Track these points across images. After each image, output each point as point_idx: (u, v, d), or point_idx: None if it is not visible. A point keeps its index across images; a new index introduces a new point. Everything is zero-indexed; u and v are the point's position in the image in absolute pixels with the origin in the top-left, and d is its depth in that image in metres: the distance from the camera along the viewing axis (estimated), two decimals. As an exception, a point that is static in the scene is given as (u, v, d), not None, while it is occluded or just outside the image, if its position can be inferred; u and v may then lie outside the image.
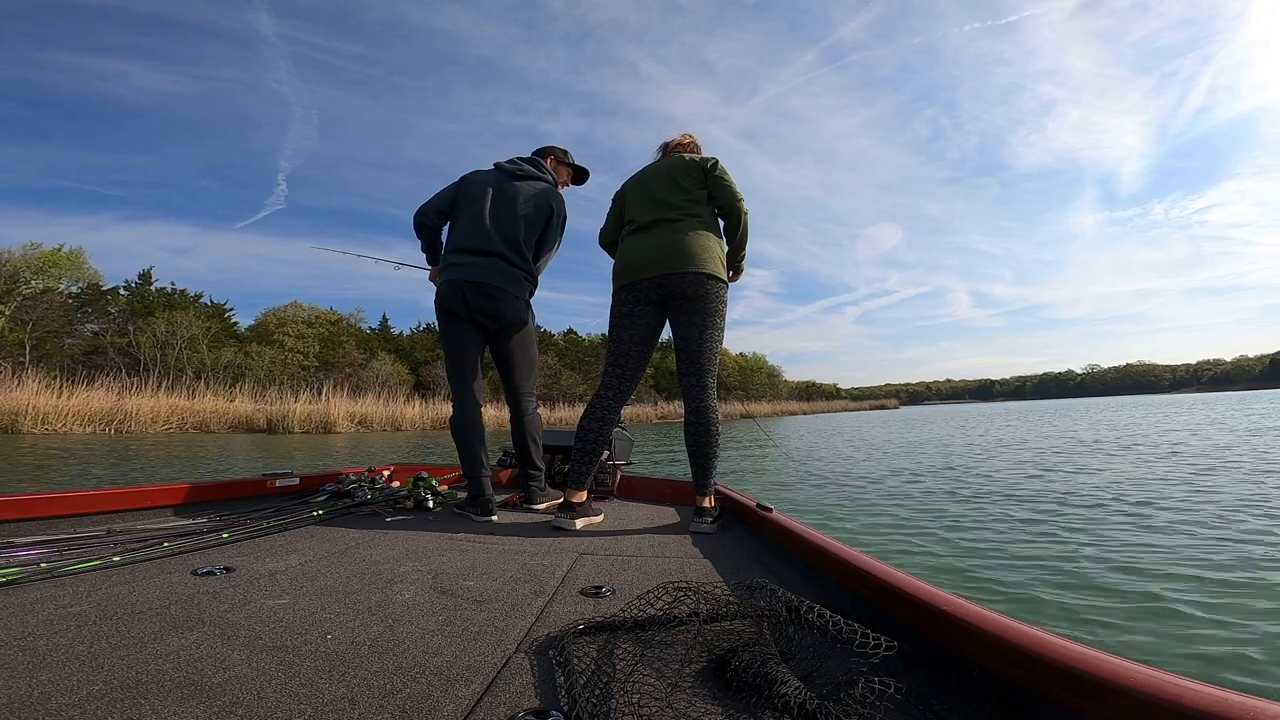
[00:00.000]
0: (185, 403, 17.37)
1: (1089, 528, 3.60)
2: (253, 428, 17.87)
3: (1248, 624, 2.08)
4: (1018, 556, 3.04)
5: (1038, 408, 48.00)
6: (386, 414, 21.51)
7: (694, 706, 0.75)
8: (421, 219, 2.39)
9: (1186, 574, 2.65)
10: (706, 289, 2.04)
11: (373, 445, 13.23)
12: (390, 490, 2.45)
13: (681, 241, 2.07)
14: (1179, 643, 1.98)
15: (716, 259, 2.09)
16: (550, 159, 2.51)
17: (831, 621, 0.88)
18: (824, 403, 75.02)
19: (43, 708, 0.70)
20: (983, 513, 4.22)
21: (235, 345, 27.98)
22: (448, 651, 0.91)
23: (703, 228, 2.10)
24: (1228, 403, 31.93)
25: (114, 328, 26.31)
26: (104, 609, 1.06)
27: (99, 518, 1.82)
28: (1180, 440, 9.43)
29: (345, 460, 9.21)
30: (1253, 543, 3.11)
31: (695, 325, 2.05)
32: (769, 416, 42.77)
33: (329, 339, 31.60)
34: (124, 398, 15.69)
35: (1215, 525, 3.53)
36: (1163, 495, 4.58)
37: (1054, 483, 5.49)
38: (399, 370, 31.28)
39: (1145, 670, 0.61)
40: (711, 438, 2.04)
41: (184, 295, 30.51)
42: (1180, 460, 6.81)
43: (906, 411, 64.63)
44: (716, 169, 2.13)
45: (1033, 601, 2.41)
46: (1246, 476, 5.36)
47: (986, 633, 0.77)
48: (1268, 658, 1.84)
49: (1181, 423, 14.63)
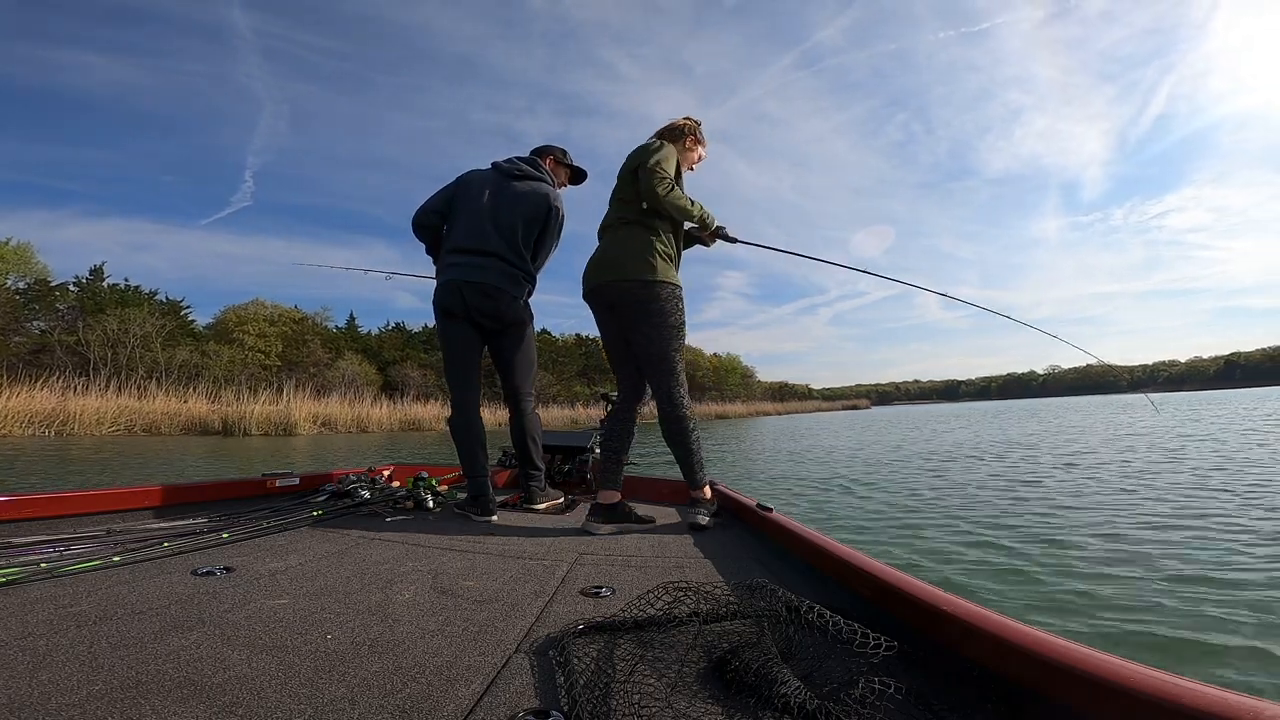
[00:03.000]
0: (135, 404, 16.48)
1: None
2: (207, 430, 16.90)
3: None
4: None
5: (997, 408, 49.98)
6: (352, 415, 20.70)
7: (694, 707, 0.75)
8: (419, 220, 2.38)
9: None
10: (637, 295, 2.00)
11: (337, 448, 12.72)
12: (390, 490, 2.45)
13: (612, 249, 2.06)
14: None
15: (647, 261, 2.00)
16: (549, 159, 2.50)
17: (831, 621, 0.88)
18: (797, 403, 74.72)
19: (43, 708, 0.70)
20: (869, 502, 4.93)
21: (192, 344, 26.79)
22: (448, 651, 0.91)
23: (640, 228, 2.05)
24: (1174, 402, 33.63)
25: (63, 325, 24.84)
26: (104, 609, 1.06)
27: (99, 518, 1.82)
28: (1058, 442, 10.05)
29: (309, 464, 8.90)
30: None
31: (640, 330, 2.03)
32: (744, 417, 42.53)
33: (292, 338, 30.45)
34: (68, 398, 14.80)
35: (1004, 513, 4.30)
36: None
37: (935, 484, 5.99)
38: (366, 370, 30.34)
39: (1145, 670, 0.61)
40: (684, 432, 2.02)
41: (138, 292, 29.19)
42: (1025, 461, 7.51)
43: (876, 411, 65.48)
44: (646, 159, 2.02)
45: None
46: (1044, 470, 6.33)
47: (986, 633, 0.77)
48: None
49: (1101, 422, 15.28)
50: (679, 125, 2.25)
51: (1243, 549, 2.99)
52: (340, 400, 21.49)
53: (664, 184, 1.98)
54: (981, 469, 6.86)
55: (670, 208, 2.00)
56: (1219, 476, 5.35)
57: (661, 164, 2.01)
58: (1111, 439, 9.99)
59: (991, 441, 10.83)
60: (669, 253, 2.06)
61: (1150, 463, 6.58)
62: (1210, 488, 4.79)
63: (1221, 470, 5.74)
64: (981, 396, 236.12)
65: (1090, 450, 8.30)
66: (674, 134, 2.23)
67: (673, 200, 1.99)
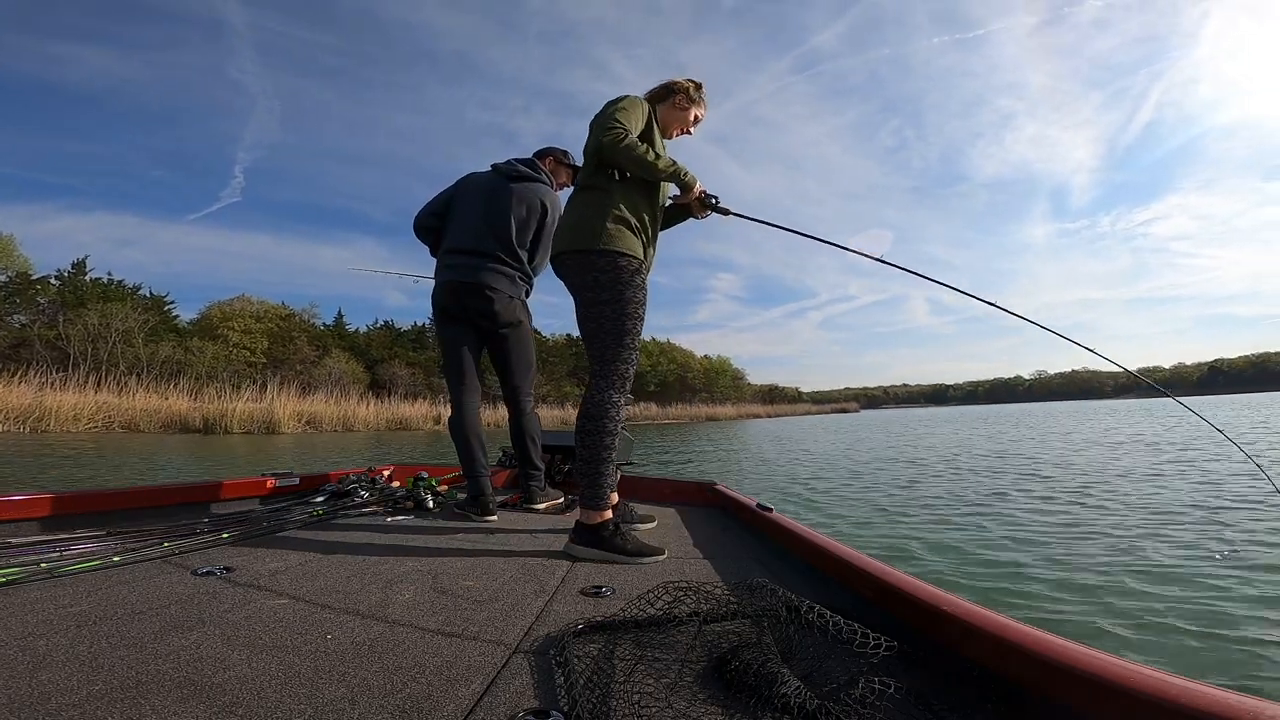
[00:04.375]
0: (114, 400, 16.05)
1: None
2: (188, 427, 16.50)
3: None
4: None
5: (980, 412, 49.91)
6: (338, 413, 20.21)
7: (694, 707, 0.75)
8: (419, 223, 2.42)
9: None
10: (567, 266, 1.75)
11: (321, 447, 12.38)
12: (390, 490, 2.45)
13: (562, 221, 1.82)
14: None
15: (590, 227, 1.70)
16: (549, 160, 2.51)
17: (831, 621, 0.88)
18: (787, 406, 74.72)
19: (43, 708, 0.70)
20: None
21: (175, 340, 26.42)
22: (448, 651, 0.91)
23: (591, 192, 1.76)
24: (1147, 408, 33.53)
25: (43, 319, 24.47)
26: (104, 609, 1.06)
27: (99, 518, 1.82)
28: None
29: (291, 464, 8.26)
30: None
31: (579, 307, 1.76)
32: (734, 419, 42.21)
33: (279, 334, 30.17)
34: (45, 394, 14.32)
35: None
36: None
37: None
38: (353, 368, 30.16)
39: (1145, 670, 0.61)
40: (591, 434, 1.66)
41: (120, 286, 28.81)
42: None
43: (866, 415, 65.31)
44: (601, 112, 1.77)
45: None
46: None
47: (986, 633, 0.77)
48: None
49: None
50: (670, 83, 1.96)
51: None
52: (326, 398, 21.09)
53: (613, 133, 1.67)
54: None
55: (625, 159, 1.68)
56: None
57: (617, 115, 1.72)
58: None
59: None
60: (625, 218, 1.72)
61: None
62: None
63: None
64: (969, 401, 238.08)
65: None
66: (661, 92, 1.95)
67: (626, 150, 1.66)
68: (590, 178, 1.76)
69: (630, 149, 1.67)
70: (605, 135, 1.67)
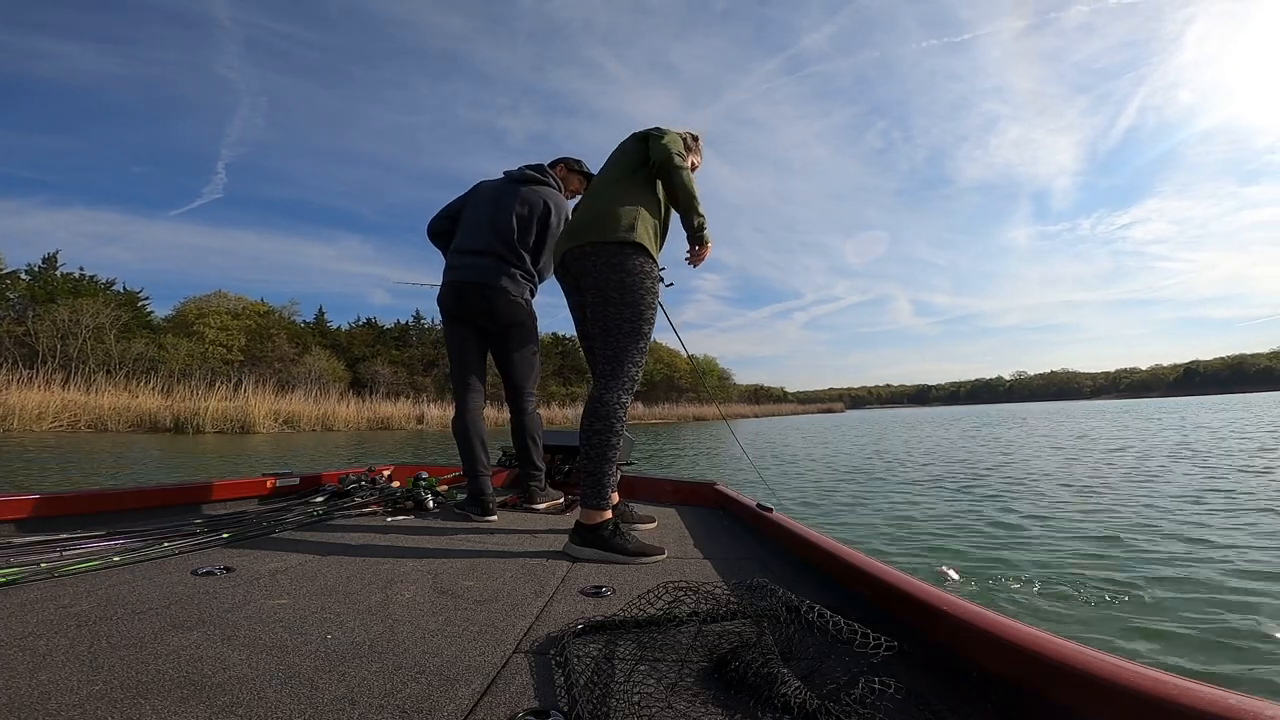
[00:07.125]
0: (81, 398, 15.53)
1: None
2: (158, 427, 16.02)
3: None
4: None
5: (961, 413, 49.83)
6: (317, 412, 19.73)
7: (694, 707, 0.75)
8: (432, 227, 2.49)
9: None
10: (588, 258, 1.72)
11: (298, 448, 11.93)
12: (390, 490, 2.45)
13: (588, 210, 1.78)
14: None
15: (628, 220, 1.71)
16: (560, 167, 2.56)
17: (831, 621, 0.88)
18: (773, 405, 74.95)
19: (43, 708, 0.70)
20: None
21: (148, 336, 25.69)
22: (448, 651, 0.91)
23: (630, 185, 1.78)
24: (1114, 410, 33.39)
25: (11, 315, 23.78)
26: (104, 609, 1.06)
27: (99, 518, 1.82)
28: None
29: (267, 464, 8.07)
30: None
31: (596, 304, 1.72)
32: (721, 419, 42.07)
33: (257, 331, 29.43)
34: (8, 391, 13.89)
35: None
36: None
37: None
38: (334, 366, 29.61)
39: (1145, 670, 0.61)
40: (598, 434, 1.66)
41: (93, 281, 28.07)
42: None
43: (852, 415, 65.16)
44: (660, 129, 1.84)
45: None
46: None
47: (986, 633, 0.77)
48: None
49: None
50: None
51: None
52: (305, 397, 20.53)
53: (681, 156, 1.76)
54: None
55: (682, 180, 1.75)
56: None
57: (679, 140, 1.80)
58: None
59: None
60: (652, 222, 1.77)
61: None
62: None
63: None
64: (951, 401, 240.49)
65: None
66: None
67: (687, 174, 1.76)
68: (632, 174, 1.79)
69: (690, 176, 1.77)
70: (676, 154, 1.75)
